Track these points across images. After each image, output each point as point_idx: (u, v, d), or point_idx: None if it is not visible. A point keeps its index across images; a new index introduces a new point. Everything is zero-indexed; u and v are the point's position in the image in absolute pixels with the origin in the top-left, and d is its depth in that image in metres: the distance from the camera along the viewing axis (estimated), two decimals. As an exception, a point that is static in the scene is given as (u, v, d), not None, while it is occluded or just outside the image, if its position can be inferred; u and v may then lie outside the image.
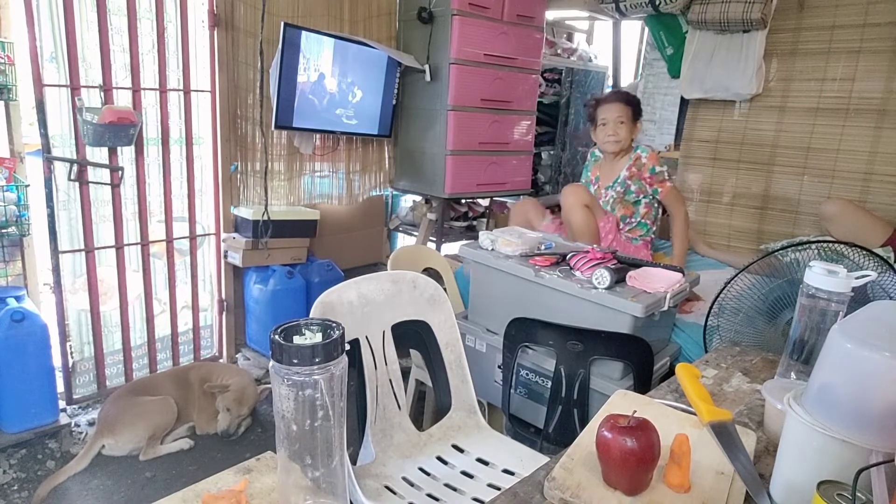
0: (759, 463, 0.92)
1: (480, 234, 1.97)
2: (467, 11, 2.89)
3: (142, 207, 2.59)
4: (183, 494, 0.79)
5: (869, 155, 2.75)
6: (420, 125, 3.13)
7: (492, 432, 1.54)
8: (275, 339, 0.69)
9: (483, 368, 1.91)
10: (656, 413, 0.96)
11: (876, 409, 0.69)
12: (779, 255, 1.67)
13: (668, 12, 3.10)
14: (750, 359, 1.35)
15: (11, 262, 2.32)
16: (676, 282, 1.67)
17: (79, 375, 2.53)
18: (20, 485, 2.07)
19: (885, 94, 2.68)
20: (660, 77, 3.55)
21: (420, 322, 1.53)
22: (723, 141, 3.21)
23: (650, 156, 2.36)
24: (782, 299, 1.59)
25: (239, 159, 2.86)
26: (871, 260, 1.60)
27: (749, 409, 1.10)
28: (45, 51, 2.21)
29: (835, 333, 0.75)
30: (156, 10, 2.47)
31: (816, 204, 2.81)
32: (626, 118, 2.38)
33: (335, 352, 0.70)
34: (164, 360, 2.82)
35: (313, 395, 0.68)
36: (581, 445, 0.88)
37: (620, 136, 2.40)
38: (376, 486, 1.32)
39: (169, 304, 2.78)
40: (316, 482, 0.72)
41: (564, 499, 0.78)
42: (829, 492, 0.66)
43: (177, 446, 2.29)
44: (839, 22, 2.76)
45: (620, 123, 2.38)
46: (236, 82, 2.76)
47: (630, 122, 2.40)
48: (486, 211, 3.70)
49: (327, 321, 0.73)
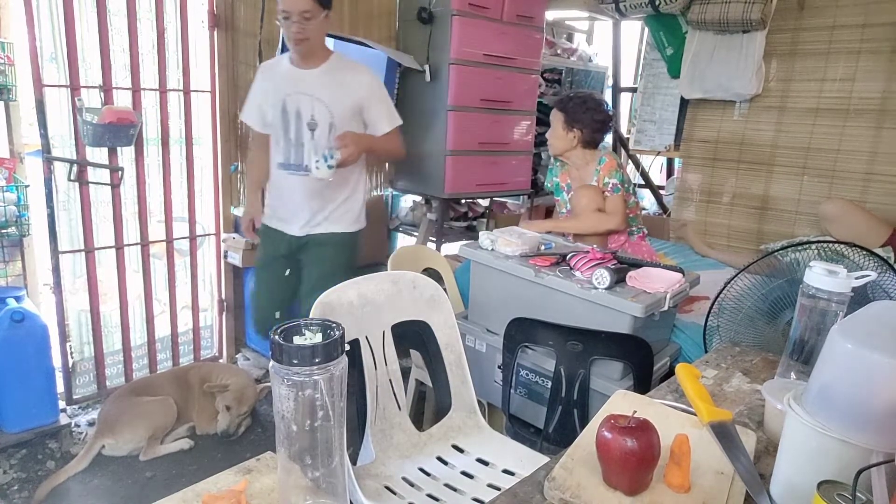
0: (759, 463, 0.92)
1: (480, 234, 1.97)
2: (467, 11, 2.89)
3: (142, 208, 2.59)
4: (183, 494, 0.79)
5: (869, 155, 2.75)
6: (420, 125, 3.12)
7: (492, 432, 1.54)
8: (275, 339, 0.69)
9: (483, 368, 1.91)
10: (656, 413, 0.96)
11: (876, 409, 0.69)
12: (779, 255, 1.67)
13: (668, 12, 3.10)
14: (750, 359, 1.35)
15: (11, 263, 2.32)
16: (676, 282, 1.67)
17: (79, 376, 2.53)
18: (20, 485, 2.07)
19: (885, 94, 2.68)
20: (660, 77, 3.54)
21: (420, 322, 1.52)
22: (723, 141, 3.21)
23: (605, 165, 2.31)
24: (782, 299, 1.59)
25: (239, 159, 2.85)
26: (871, 260, 1.61)
27: (749, 409, 1.10)
28: (45, 51, 2.21)
29: (835, 333, 0.75)
30: (156, 10, 2.47)
31: (816, 204, 2.81)
32: (558, 123, 2.35)
33: (335, 352, 0.70)
34: (164, 361, 2.82)
35: (313, 395, 0.68)
36: (581, 445, 0.88)
37: (551, 142, 2.41)
38: (376, 487, 1.32)
39: (169, 305, 2.77)
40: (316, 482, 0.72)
41: (564, 499, 0.78)
42: (829, 492, 0.66)
43: (177, 446, 2.29)
44: (839, 22, 2.76)
45: (553, 130, 2.38)
46: (236, 82, 2.76)
47: (560, 129, 2.34)
48: (486, 211, 3.70)
49: (327, 321, 0.73)
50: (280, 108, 2.08)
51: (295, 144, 2.10)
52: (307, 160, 2.05)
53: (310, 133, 2.07)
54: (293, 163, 2.11)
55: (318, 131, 2.07)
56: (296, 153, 2.10)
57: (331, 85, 2.06)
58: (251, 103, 2.22)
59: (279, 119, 2.09)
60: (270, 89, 2.12)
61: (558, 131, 2.36)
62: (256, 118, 2.21)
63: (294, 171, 2.11)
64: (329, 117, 2.06)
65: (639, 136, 3.75)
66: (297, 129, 2.08)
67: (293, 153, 2.11)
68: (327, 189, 2.12)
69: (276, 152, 2.15)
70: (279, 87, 2.09)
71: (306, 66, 2.07)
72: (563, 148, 2.38)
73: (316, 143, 2.07)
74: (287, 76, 2.09)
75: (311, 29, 1.96)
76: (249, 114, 2.23)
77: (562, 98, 2.42)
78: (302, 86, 2.06)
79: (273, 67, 2.18)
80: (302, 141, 2.09)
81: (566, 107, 2.34)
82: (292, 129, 2.09)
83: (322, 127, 2.06)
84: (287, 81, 2.08)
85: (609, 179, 2.28)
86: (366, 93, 2.11)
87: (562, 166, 2.50)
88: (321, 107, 2.05)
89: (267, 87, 2.14)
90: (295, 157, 2.10)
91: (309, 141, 2.08)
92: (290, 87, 2.07)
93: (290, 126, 2.08)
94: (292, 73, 2.08)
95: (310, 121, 2.06)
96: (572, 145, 2.36)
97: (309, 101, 2.05)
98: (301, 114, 2.07)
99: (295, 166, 2.11)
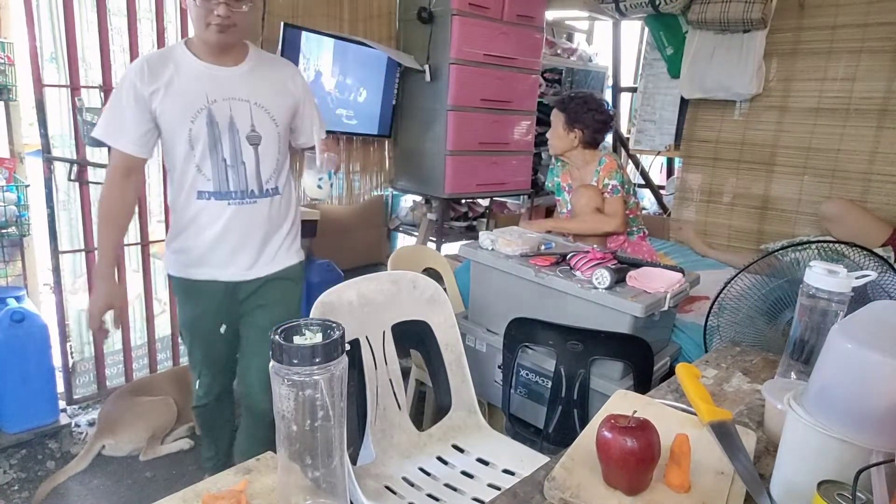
0: (759, 463, 0.92)
1: (480, 234, 1.97)
2: (467, 11, 2.89)
3: (142, 207, 2.59)
4: (183, 494, 0.79)
5: (869, 155, 2.75)
6: (420, 125, 3.13)
7: (492, 432, 1.54)
8: (275, 339, 0.69)
9: (483, 368, 1.91)
10: (656, 413, 0.96)
11: (876, 409, 0.69)
12: (779, 255, 1.67)
13: (668, 12, 3.10)
14: (750, 359, 1.35)
15: (11, 263, 2.32)
16: (676, 282, 1.67)
17: (79, 375, 2.53)
18: (20, 485, 2.07)
19: (885, 94, 2.68)
20: (660, 77, 3.55)
21: (420, 322, 1.53)
22: (723, 141, 3.21)
23: (605, 166, 2.32)
24: (782, 299, 1.59)
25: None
26: (871, 260, 1.61)
27: (749, 409, 1.10)
28: (45, 51, 2.20)
29: (835, 333, 0.75)
30: (156, 10, 2.46)
31: (816, 204, 2.81)
32: (559, 123, 2.35)
33: (335, 352, 0.70)
34: (164, 361, 2.82)
35: (313, 395, 0.68)
36: (581, 445, 0.88)
37: (551, 142, 2.41)
38: (376, 486, 1.32)
39: (169, 304, 2.77)
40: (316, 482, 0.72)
41: (564, 499, 0.78)
42: (829, 492, 0.66)
43: (177, 446, 2.29)
44: (840, 22, 2.76)
45: (554, 130, 2.37)
46: (236, 82, 2.76)
47: (561, 129, 2.35)
48: (486, 211, 3.70)
49: (327, 321, 0.73)
50: (205, 120, 1.55)
51: (232, 165, 1.60)
52: (251, 184, 1.62)
53: (252, 149, 1.61)
54: (232, 189, 1.60)
55: (262, 146, 1.62)
56: (235, 176, 1.60)
57: (263, 85, 1.62)
58: (124, 121, 1.55)
59: (204, 134, 1.56)
60: (176, 95, 1.54)
61: (559, 131, 2.37)
62: (136, 139, 1.56)
63: (235, 201, 1.61)
64: (274, 126, 1.63)
65: (639, 136, 3.75)
66: (233, 145, 1.58)
67: (230, 176, 1.60)
68: (276, 213, 1.69)
69: (198, 179, 1.59)
70: (196, 92, 1.54)
71: (226, 63, 1.58)
72: (564, 148, 2.38)
73: (260, 160, 1.62)
74: (203, 77, 1.56)
75: (240, 13, 1.49)
76: (123, 135, 1.55)
77: (562, 98, 2.42)
78: (229, 89, 1.57)
79: (167, 66, 1.54)
80: (242, 160, 1.60)
81: (567, 107, 2.35)
82: (226, 146, 1.58)
83: (267, 140, 1.62)
84: (206, 83, 1.55)
85: (609, 181, 2.28)
86: (301, 92, 1.71)
87: (563, 166, 2.50)
88: (262, 114, 1.61)
89: (163, 93, 1.53)
90: (235, 182, 1.60)
91: (252, 158, 1.61)
92: (213, 90, 1.55)
93: (221, 142, 1.57)
94: (210, 73, 1.56)
95: (249, 133, 1.59)
96: (573, 145, 2.36)
97: (245, 108, 1.58)
98: (236, 125, 1.58)
99: (235, 193, 1.61)
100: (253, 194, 1.63)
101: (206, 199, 1.61)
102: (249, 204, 1.63)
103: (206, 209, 1.62)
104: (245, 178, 1.62)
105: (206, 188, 1.60)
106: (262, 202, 1.65)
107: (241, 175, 1.61)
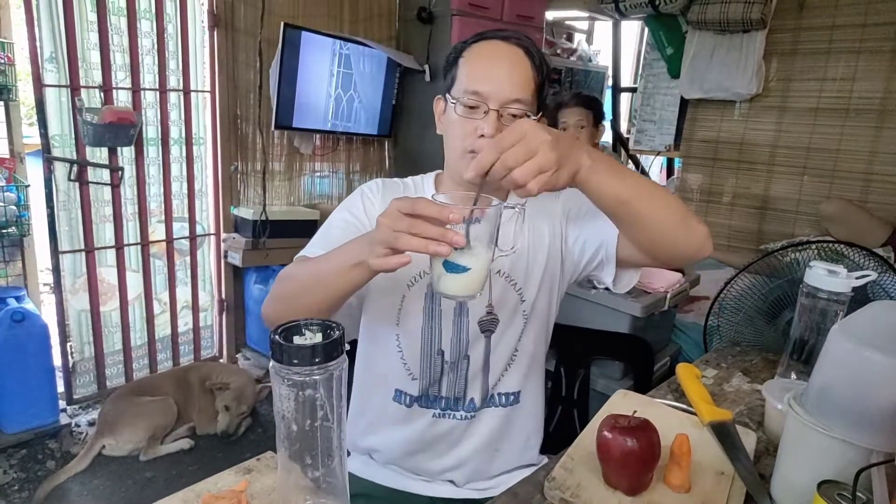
0: (760, 463, 0.92)
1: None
2: (467, 11, 2.89)
3: (142, 207, 2.59)
4: (183, 494, 0.79)
5: (869, 155, 2.75)
6: (420, 125, 3.12)
7: (492, 432, 1.53)
8: (275, 339, 0.69)
9: (483, 368, 1.91)
10: (656, 413, 0.96)
11: (876, 409, 0.69)
12: (779, 255, 1.67)
13: (668, 12, 3.10)
14: (750, 359, 1.35)
15: (11, 263, 2.32)
16: (676, 282, 1.67)
17: (79, 375, 2.53)
18: (20, 485, 2.07)
19: (885, 94, 2.68)
20: (660, 77, 3.55)
21: (420, 322, 1.52)
22: (723, 141, 3.21)
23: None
24: (782, 299, 1.59)
25: (239, 159, 2.85)
26: (871, 260, 1.61)
27: (749, 409, 1.10)
28: (45, 51, 2.20)
29: (835, 333, 0.75)
30: (156, 10, 2.47)
31: (816, 204, 2.81)
32: (587, 123, 2.35)
33: (335, 352, 0.69)
34: (165, 361, 2.82)
35: (313, 395, 0.68)
36: (581, 445, 0.88)
37: (583, 140, 2.40)
38: (376, 487, 1.32)
39: (169, 305, 2.78)
40: (316, 482, 0.72)
41: (564, 499, 0.78)
42: (829, 492, 0.66)
43: (177, 446, 2.29)
44: (839, 22, 2.76)
45: (581, 128, 2.35)
46: (236, 82, 2.76)
47: (591, 127, 2.36)
48: (486, 211, 3.70)
49: (327, 321, 0.73)
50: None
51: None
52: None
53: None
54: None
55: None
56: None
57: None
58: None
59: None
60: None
61: (590, 128, 2.36)
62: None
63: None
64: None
65: (639, 136, 3.75)
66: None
67: None
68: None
69: None
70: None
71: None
72: (590, 144, 2.40)
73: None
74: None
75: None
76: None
77: (580, 95, 2.42)
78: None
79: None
80: None
81: (593, 104, 2.37)
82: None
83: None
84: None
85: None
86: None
87: None
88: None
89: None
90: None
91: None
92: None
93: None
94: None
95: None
96: (595, 141, 2.39)
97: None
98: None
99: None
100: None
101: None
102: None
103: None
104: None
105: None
106: None
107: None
